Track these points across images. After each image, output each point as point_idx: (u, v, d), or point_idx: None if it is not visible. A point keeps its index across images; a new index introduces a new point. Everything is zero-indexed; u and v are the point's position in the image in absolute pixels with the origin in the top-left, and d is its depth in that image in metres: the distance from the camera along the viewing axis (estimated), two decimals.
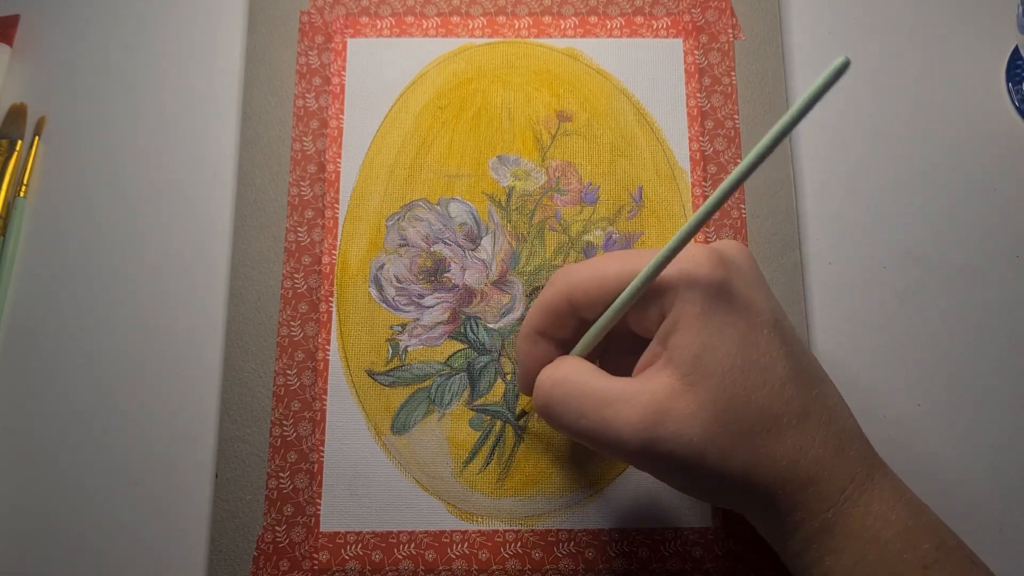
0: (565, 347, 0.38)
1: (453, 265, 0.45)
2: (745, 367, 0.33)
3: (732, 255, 0.36)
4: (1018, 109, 0.48)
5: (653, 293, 0.34)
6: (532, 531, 0.42)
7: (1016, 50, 0.48)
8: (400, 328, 0.45)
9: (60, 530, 0.43)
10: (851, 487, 0.33)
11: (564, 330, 0.37)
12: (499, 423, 0.44)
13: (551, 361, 0.38)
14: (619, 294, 0.35)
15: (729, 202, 0.46)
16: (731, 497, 0.35)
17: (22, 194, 0.47)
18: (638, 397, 0.33)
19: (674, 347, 0.33)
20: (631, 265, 0.35)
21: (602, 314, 0.36)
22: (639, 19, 0.49)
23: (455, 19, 0.49)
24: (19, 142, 0.48)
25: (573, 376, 0.35)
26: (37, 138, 0.48)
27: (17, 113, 0.48)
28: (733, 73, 0.48)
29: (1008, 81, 0.48)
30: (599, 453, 0.37)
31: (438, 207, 0.46)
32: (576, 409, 0.34)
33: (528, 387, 0.38)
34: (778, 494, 0.33)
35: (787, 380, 0.33)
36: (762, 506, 0.34)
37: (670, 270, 0.34)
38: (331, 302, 0.45)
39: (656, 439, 0.33)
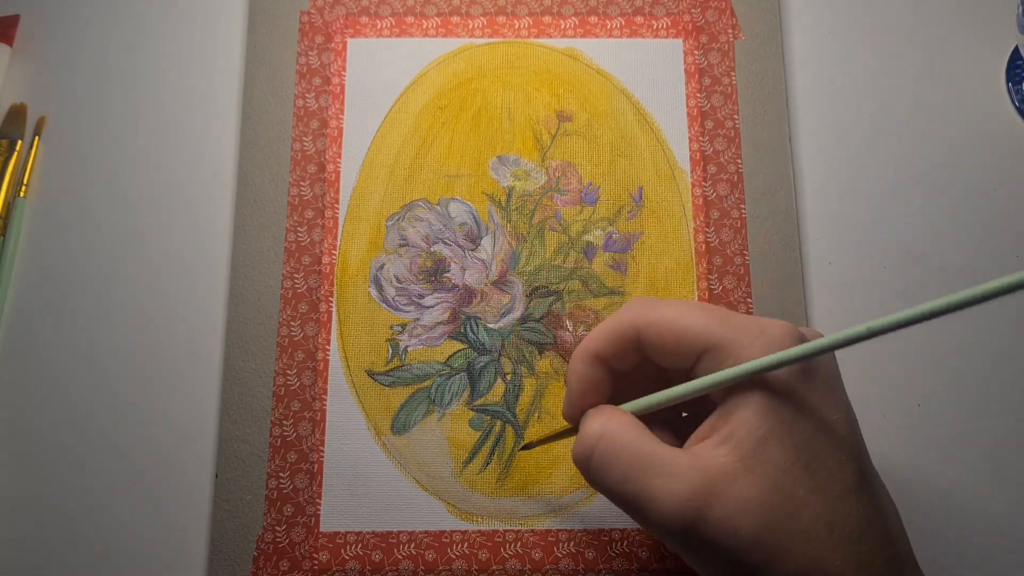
0: (619, 380, 0.36)
1: (453, 265, 0.45)
2: (811, 465, 0.30)
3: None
4: (1018, 109, 0.48)
5: (727, 361, 0.32)
6: (532, 531, 0.42)
7: (1016, 50, 0.48)
8: (400, 328, 0.45)
9: (60, 530, 0.43)
10: None
11: (623, 362, 0.35)
12: (499, 423, 0.44)
13: (603, 389, 0.36)
14: (692, 346, 0.32)
15: (729, 202, 0.46)
16: None
17: (22, 194, 0.47)
18: (689, 472, 0.31)
19: (738, 425, 0.31)
20: (720, 331, 0.32)
21: (669, 367, 0.34)
22: (639, 19, 0.49)
23: (455, 19, 0.49)
24: (19, 142, 0.48)
25: (624, 435, 0.33)
26: (37, 138, 0.48)
27: (17, 113, 0.48)
28: (733, 73, 0.48)
29: (1008, 81, 0.48)
30: (634, 521, 0.35)
31: (438, 207, 0.46)
32: (621, 472, 0.32)
33: (573, 412, 0.36)
34: None
35: (851, 490, 0.31)
36: None
37: (752, 345, 0.31)
38: (331, 302, 0.45)
39: (700, 520, 0.30)
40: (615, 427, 0.33)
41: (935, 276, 0.46)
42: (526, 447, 0.43)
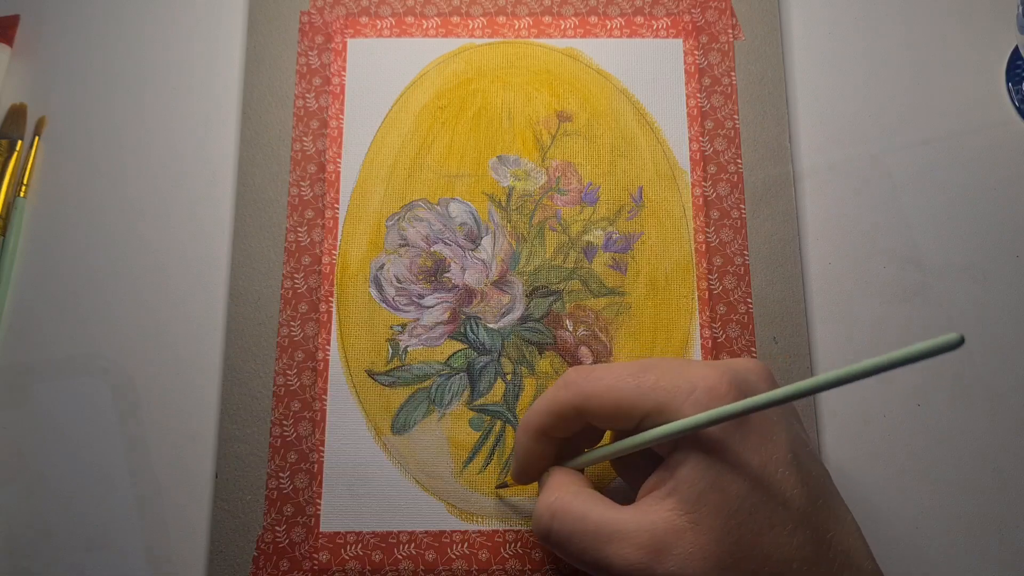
0: (566, 444, 0.38)
1: (453, 265, 0.45)
2: (754, 508, 0.32)
3: (753, 381, 0.34)
4: (1018, 109, 0.48)
5: (667, 416, 0.33)
6: (532, 531, 0.42)
7: (1016, 50, 0.48)
8: (400, 328, 0.45)
9: (60, 530, 0.43)
10: None
11: (568, 431, 0.37)
12: (499, 423, 0.44)
13: (548, 456, 0.38)
14: (631, 414, 0.34)
15: (729, 202, 0.46)
16: None
17: (22, 194, 0.47)
18: (637, 534, 0.33)
19: (681, 480, 0.33)
20: (654, 395, 0.34)
21: (615, 431, 0.36)
22: (639, 19, 0.49)
23: (455, 19, 0.49)
24: (19, 142, 0.48)
25: (573, 508, 0.35)
26: (37, 138, 0.48)
27: (17, 113, 0.48)
28: (733, 73, 0.48)
29: (1008, 81, 0.48)
30: None
31: (438, 207, 0.46)
32: (577, 546, 0.34)
33: (523, 478, 0.39)
34: None
35: (799, 523, 0.32)
36: None
37: (683, 406, 0.33)
38: (331, 302, 0.45)
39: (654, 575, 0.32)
40: (565, 503, 0.35)
41: (935, 276, 0.46)
42: (502, 487, 0.43)
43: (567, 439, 0.38)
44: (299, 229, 0.46)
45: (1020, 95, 0.48)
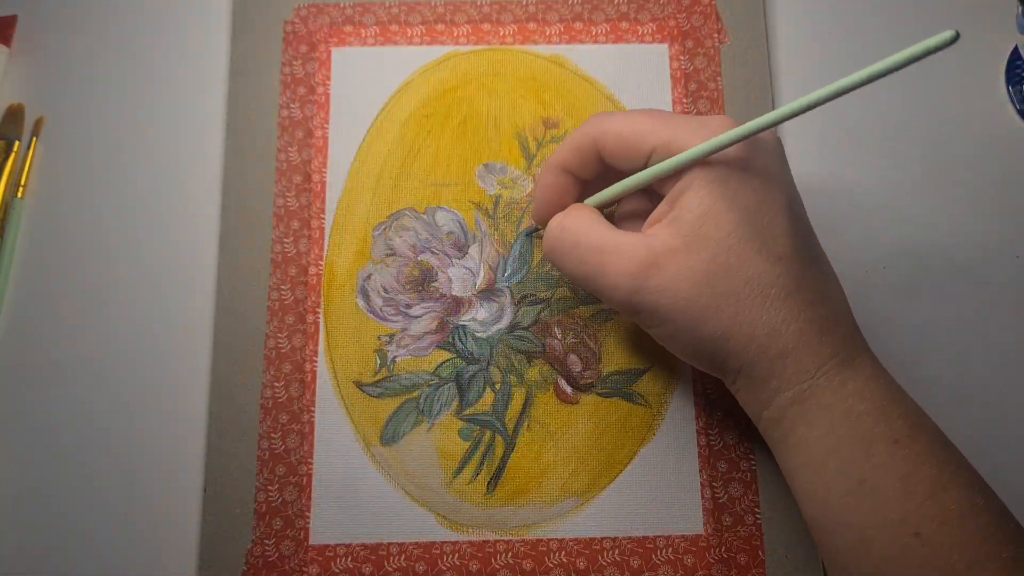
0: (585, 187, 0.41)
1: (440, 274, 0.45)
2: (745, 237, 0.34)
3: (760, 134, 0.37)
4: (1018, 110, 0.47)
5: (676, 149, 0.36)
6: (523, 540, 0.42)
7: (1016, 50, 0.48)
8: (388, 338, 0.45)
9: (47, 545, 0.43)
10: (830, 363, 0.35)
11: (586, 170, 0.40)
12: (488, 433, 0.43)
13: (567, 194, 0.40)
14: (641, 148, 0.37)
15: None
16: (708, 357, 0.36)
17: (19, 195, 0.47)
18: (635, 249, 0.36)
19: (681, 208, 0.35)
20: (665, 131, 0.36)
21: (626, 169, 0.38)
22: (624, 24, 0.48)
23: (440, 27, 0.49)
24: (16, 143, 0.48)
25: (580, 225, 0.38)
26: (35, 139, 0.48)
27: (15, 114, 0.48)
28: (719, 78, 0.47)
29: (1008, 82, 0.48)
30: (599, 298, 0.40)
31: (425, 216, 0.46)
32: (579, 256, 0.37)
33: (540, 216, 0.41)
34: (755, 359, 0.35)
35: (784, 256, 0.35)
36: (737, 370, 0.36)
37: (694, 138, 0.35)
38: (318, 313, 0.45)
39: (643, 289, 0.35)
40: (572, 220, 0.38)
41: (935, 276, 0.46)
42: (534, 231, 0.46)
43: (586, 184, 0.40)
44: (285, 240, 0.46)
45: (1020, 96, 0.47)
